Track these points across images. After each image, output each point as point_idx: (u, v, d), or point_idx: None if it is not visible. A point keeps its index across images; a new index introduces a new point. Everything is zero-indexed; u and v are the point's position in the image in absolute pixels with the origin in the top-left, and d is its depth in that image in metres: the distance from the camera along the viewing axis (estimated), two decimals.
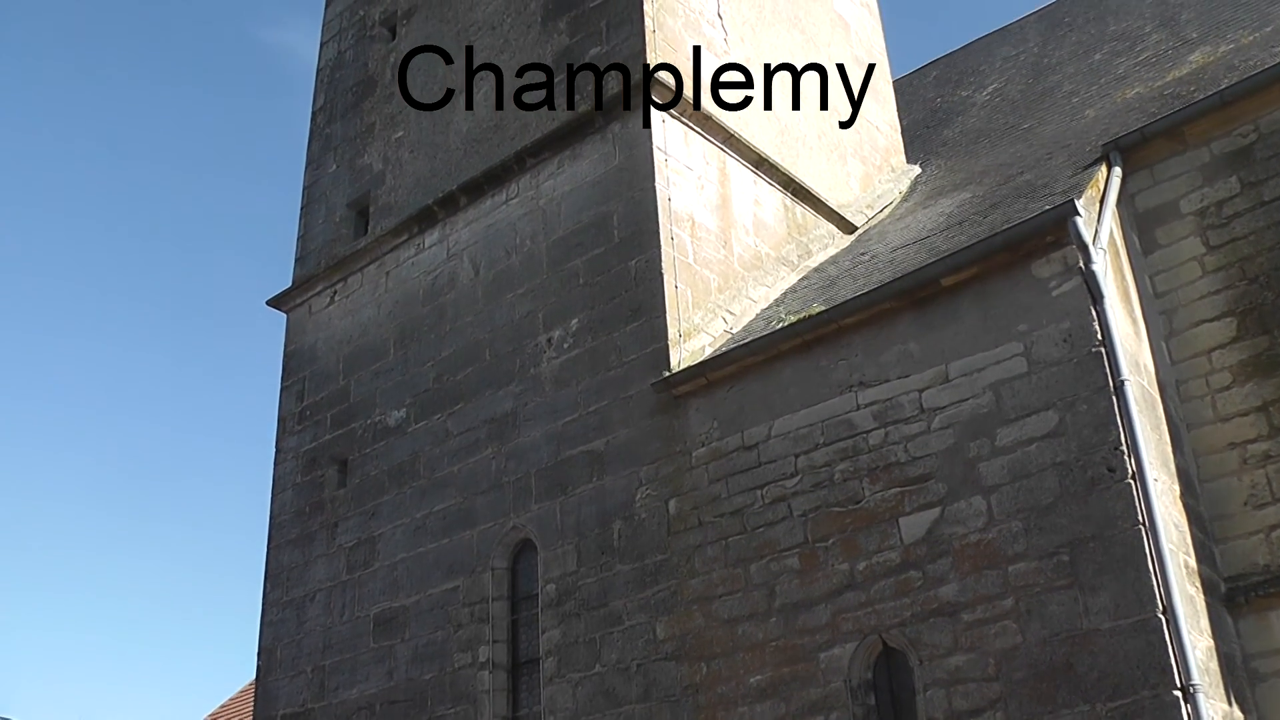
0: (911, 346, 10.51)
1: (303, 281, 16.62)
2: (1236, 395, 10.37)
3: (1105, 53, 17.08)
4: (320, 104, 18.19)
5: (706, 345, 12.35)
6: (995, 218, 11.47)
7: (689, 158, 13.53)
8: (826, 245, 14.97)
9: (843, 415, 10.70)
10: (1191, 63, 14.32)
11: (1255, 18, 14.51)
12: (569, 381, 12.80)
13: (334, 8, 18.90)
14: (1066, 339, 9.62)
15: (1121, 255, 10.77)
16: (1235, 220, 10.97)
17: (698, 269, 12.89)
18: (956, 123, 18.60)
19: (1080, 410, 9.35)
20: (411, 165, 16.03)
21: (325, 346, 15.92)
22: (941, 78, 21.08)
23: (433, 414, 14.05)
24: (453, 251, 14.78)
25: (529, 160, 14.22)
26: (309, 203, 17.47)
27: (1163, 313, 11.01)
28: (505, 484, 12.94)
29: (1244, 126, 11.35)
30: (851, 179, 16.39)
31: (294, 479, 15.43)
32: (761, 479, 11.02)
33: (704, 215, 13.35)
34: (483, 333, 13.95)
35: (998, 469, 9.62)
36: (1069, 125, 14.93)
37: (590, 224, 13.33)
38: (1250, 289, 10.66)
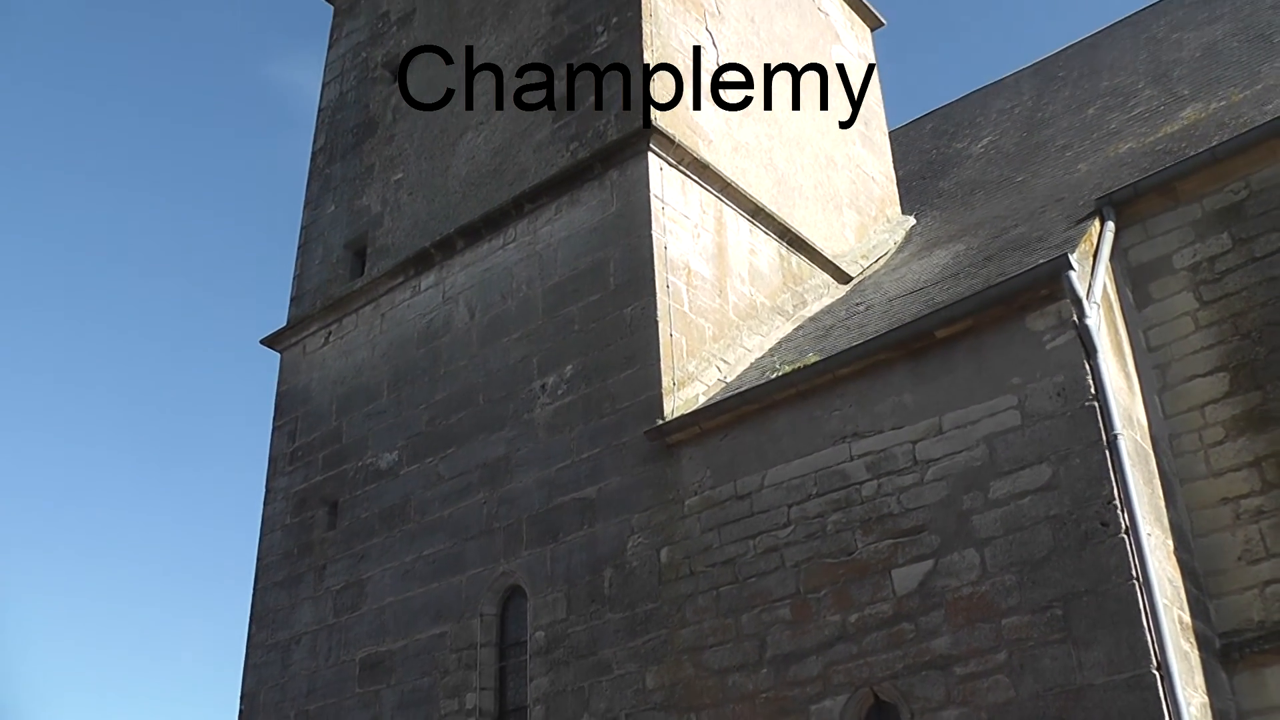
0: (906, 398, 10.52)
1: (298, 321, 16.62)
2: (1229, 450, 10.38)
3: (1098, 107, 17.21)
4: (321, 144, 18.26)
5: (700, 394, 12.35)
6: (990, 270, 11.51)
7: (686, 206, 13.59)
8: (821, 295, 15.02)
9: (836, 466, 10.70)
10: (1183, 119, 14.43)
11: (1246, 76, 14.64)
12: (562, 428, 12.78)
13: (337, 49, 19.01)
14: (1060, 392, 9.64)
15: (1115, 309, 10.82)
16: (1228, 276, 11.03)
17: (693, 317, 12.92)
18: (952, 174, 18.70)
19: (1074, 464, 9.36)
20: (410, 207, 16.08)
21: (319, 387, 15.90)
22: (937, 129, 21.22)
23: (425, 457, 14.02)
24: (448, 295, 14.80)
25: (527, 205, 14.28)
26: (306, 242, 17.50)
27: (1156, 367, 11.04)
28: (496, 529, 12.90)
29: (1235, 183, 11.43)
30: (847, 229, 16.47)
31: (283, 520, 15.37)
32: (754, 529, 10.99)
33: (700, 264, 13.39)
34: (477, 377, 13.95)
35: (991, 522, 9.62)
36: (1062, 178, 15.02)
37: (586, 270, 13.36)
38: (1243, 344, 10.70)
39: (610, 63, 14.40)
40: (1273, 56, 14.74)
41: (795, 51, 17.20)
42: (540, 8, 15.81)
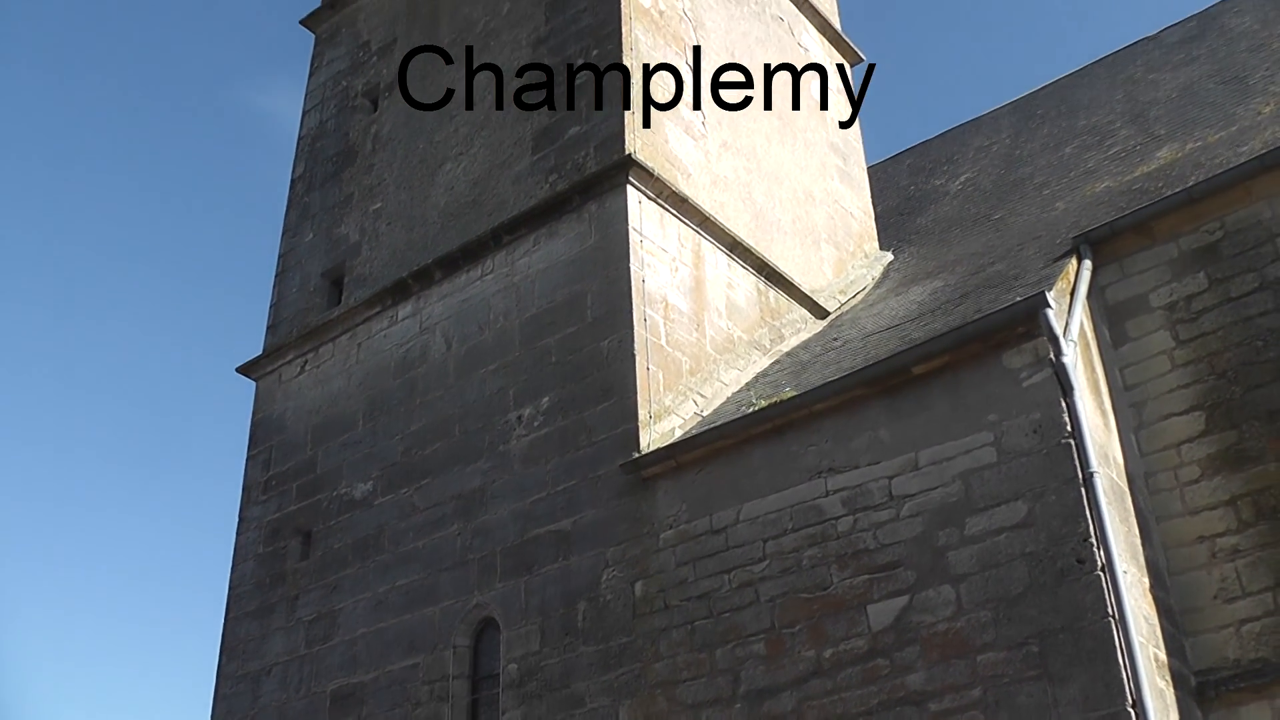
0: (882, 434, 10.52)
1: (274, 349, 16.54)
2: (1205, 489, 10.42)
3: (1076, 146, 17.31)
4: (300, 172, 18.23)
5: (677, 427, 12.33)
6: (967, 307, 11.54)
7: (664, 239, 13.60)
8: (799, 330, 15.03)
9: (812, 501, 10.68)
10: (1159, 159, 14.53)
11: (1221, 117, 14.76)
12: (538, 460, 12.74)
13: (317, 77, 19.01)
14: (1036, 430, 9.66)
15: (1092, 347, 10.85)
16: (1204, 315, 11.10)
17: (670, 351, 12.91)
18: (929, 211, 18.78)
19: (1050, 501, 9.37)
20: (388, 237, 16.06)
21: (294, 416, 15.82)
22: (915, 166, 21.30)
23: (399, 488, 13.95)
24: (425, 325, 14.76)
25: (505, 237, 14.27)
26: (284, 270, 17.44)
27: (1132, 405, 11.08)
28: (470, 561, 12.83)
29: (1211, 223, 11.51)
30: (825, 264, 16.50)
31: (256, 549, 15.25)
32: (729, 563, 10.96)
33: (677, 297, 13.39)
34: (453, 408, 13.90)
35: (967, 558, 9.61)
36: (1040, 216, 15.09)
37: (564, 303, 13.35)
38: (1219, 383, 10.75)
39: (590, 95, 14.43)
40: (1248, 98, 14.86)
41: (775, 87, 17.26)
42: (521, 40, 15.85)
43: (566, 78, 14.91)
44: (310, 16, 19.70)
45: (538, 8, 15.92)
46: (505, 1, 16.47)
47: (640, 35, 14.78)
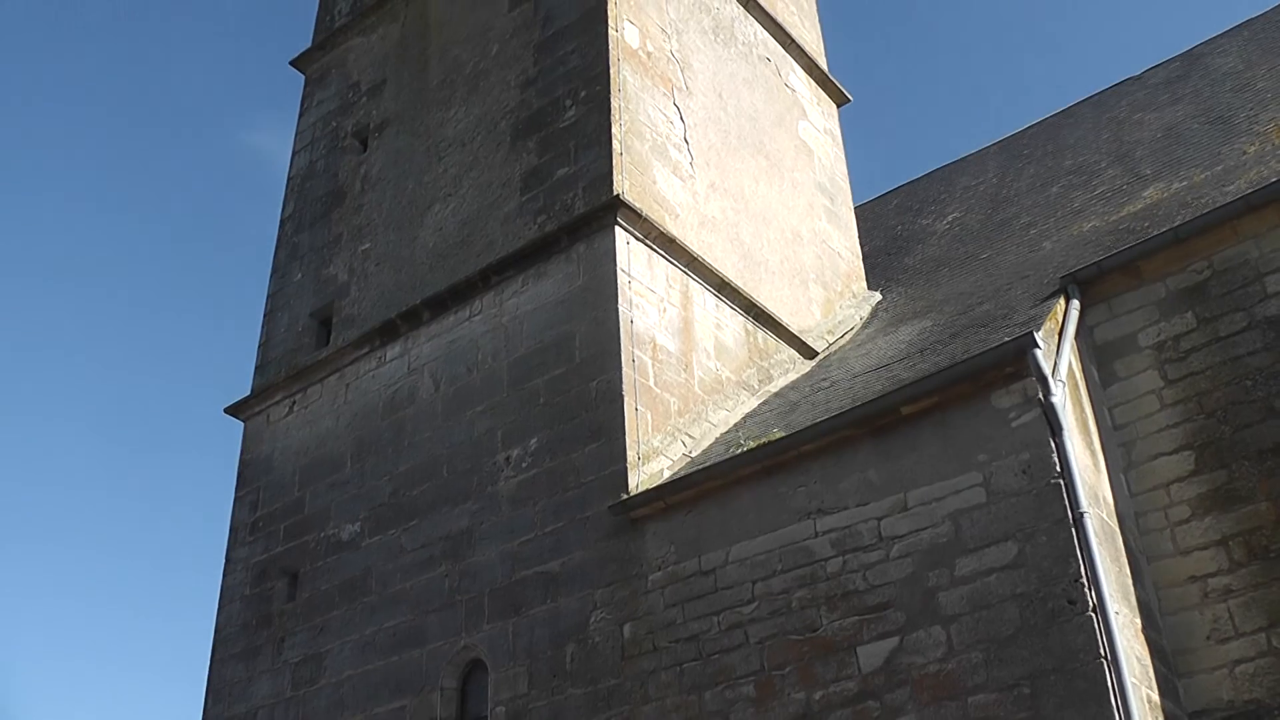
0: (871, 474, 10.49)
1: (262, 390, 16.50)
2: (1196, 528, 10.40)
3: (1062, 185, 17.38)
4: (289, 212, 18.24)
5: (665, 469, 12.29)
6: (955, 347, 11.55)
7: (652, 280, 13.60)
8: (787, 370, 15.03)
9: (801, 542, 10.63)
10: (1146, 198, 14.59)
11: (1207, 156, 14.83)
12: (526, 501, 12.69)
13: (307, 118, 19.05)
14: (1026, 470, 9.64)
15: (1080, 387, 10.85)
16: (1192, 355, 11.11)
17: (658, 392, 12.89)
18: (917, 250, 18.82)
19: (1040, 541, 9.33)
20: (377, 277, 16.05)
21: (282, 457, 15.76)
22: (903, 205, 21.37)
23: (387, 529, 13.87)
24: (414, 366, 14.73)
25: (493, 277, 14.27)
26: (272, 310, 17.42)
27: (1122, 445, 11.08)
28: (458, 602, 12.75)
29: (1198, 263, 11.55)
30: (813, 304, 16.52)
31: (243, 591, 15.16)
32: (718, 605, 10.89)
33: (665, 338, 13.38)
34: (441, 449, 13.85)
35: (957, 599, 9.56)
36: (1027, 256, 15.13)
37: (552, 344, 13.34)
38: (1208, 423, 10.75)
39: (579, 136, 14.48)
40: (1233, 138, 14.94)
41: (762, 127, 17.35)
42: (510, 81, 15.91)
43: (555, 119, 14.95)
44: (300, 57, 19.76)
45: (526, 49, 15.99)
46: (494, 43, 16.54)
47: (628, 76, 14.84)
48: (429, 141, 16.57)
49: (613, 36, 14.98)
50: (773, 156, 17.26)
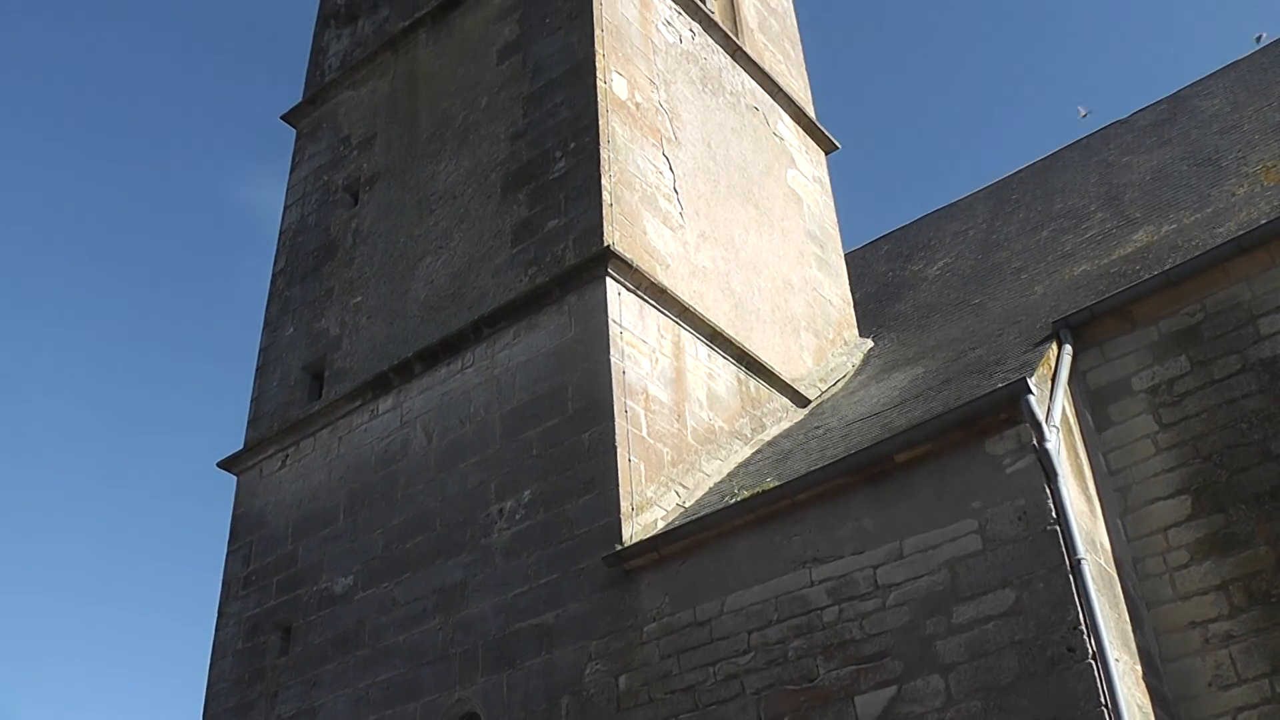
0: (866, 522, 10.43)
1: (255, 444, 16.43)
2: (1195, 573, 10.33)
3: (1052, 230, 17.41)
4: (280, 267, 18.23)
5: (659, 519, 12.23)
6: (948, 394, 11.52)
7: (644, 331, 13.59)
8: (780, 419, 14.99)
9: (797, 591, 10.55)
10: (1136, 241, 14.61)
11: (1196, 199, 14.87)
12: (520, 553, 12.61)
13: (298, 172, 19.08)
14: (1021, 516, 9.58)
15: (1075, 432, 10.82)
16: (1186, 398, 11.08)
17: (651, 442, 12.84)
18: (908, 297, 18.83)
19: (1038, 588, 9.26)
20: (368, 331, 16.03)
21: (275, 510, 15.67)
22: (893, 252, 21.40)
23: (380, 582, 13.78)
24: (406, 419, 14.68)
25: (485, 330, 14.24)
26: (264, 365, 17.38)
27: (1117, 490, 11.02)
28: (452, 655, 12.64)
29: (1191, 306, 11.53)
30: (805, 352, 16.50)
31: (235, 645, 15.04)
32: (714, 655, 10.79)
33: (658, 388, 13.35)
34: (434, 501, 13.78)
35: (955, 647, 9.48)
36: (1018, 301, 15.13)
37: (545, 395, 13.30)
38: (1204, 467, 10.70)
39: (569, 188, 14.50)
40: (1222, 180, 14.99)
41: (751, 175, 17.40)
42: (499, 133, 15.95)
43: (545, 171, 14.98)
44: (291, 112, 19.82)
45: (515, 102, 16.04)
46: (483, 96, 16.60)
47: (617, 128, 14.88)
48: (419, 194, 16.60)
49: (601, 88, 15.04)
50: (762, 205, 17.30)
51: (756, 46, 19.65)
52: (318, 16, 21.05)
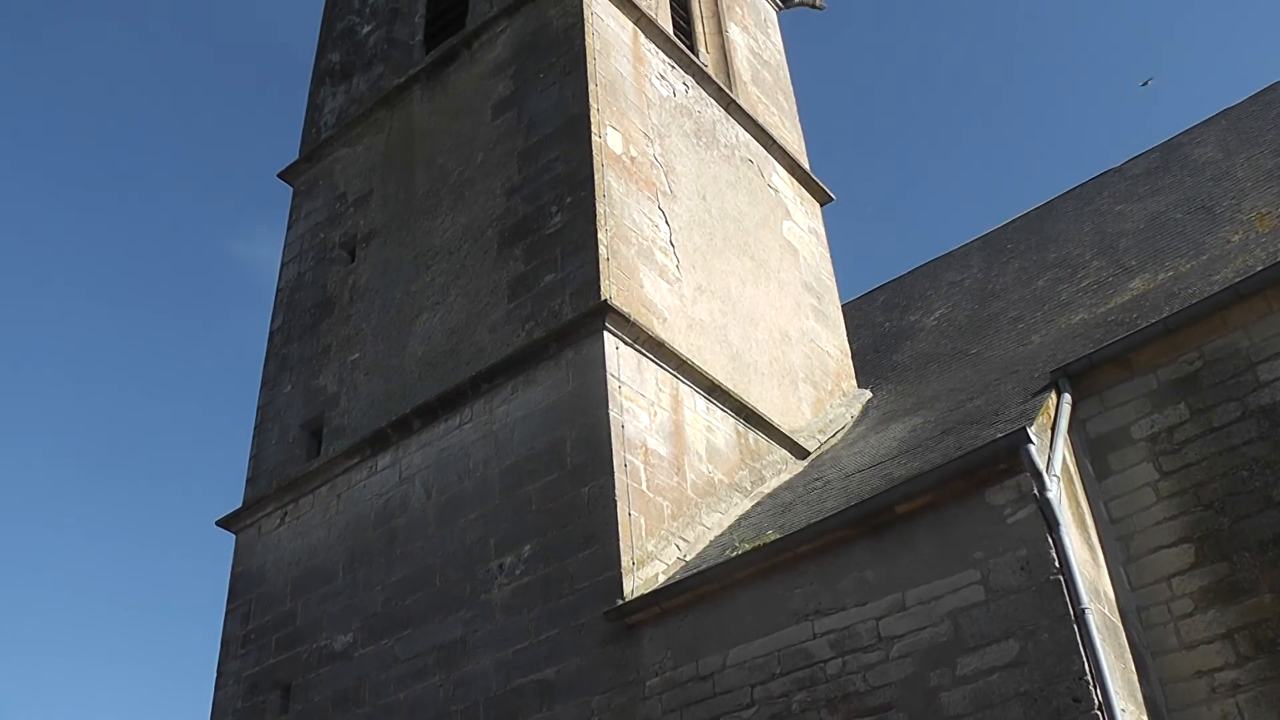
0: (868, 574, 10.38)
1: (254, 502, 16.37)
2: (1200, 622, 10.27)
3: (1048, 279, 17.45)
4: (278, 324, 18.23)
5: (660, 573, 12.18)
6: (948, 444, 11.50)
7: (642, 384, 13.58)
8: (780, 471, 14.95)
9: (799, 644, 10.49)
10: (1132, 289, 14.63)
11: (1191, 246, 14.92)
12: (520, 608, 12.54)
13: (296, 230, 19.12)
14: (1024, 566, 9.54)
15: (1075, 481, 10.79)
16: (1187, 446, 11.06)
17: (651, 496, 12.81)
18: (905, 347, 18.84)
19: (1042, 639, 9.21)
20: (366, 387, 16.01)
21: (274, 568, 15.60)
22: (889, 302, 21.45)
23: (380, 639, 13.70)
24: (405, 475, 14.64)
25: (483, 385, 14.23)
26: (263, 422, 17.35)
27: (1120, 539, 10.98)
28: (453, 712, 12.54)
29: (1189, 354, 11.53)
30: (803, 404, 16.49)
31: (234, 705, 14.91)
32: (717, 710, 10.70)
33: (657, 442, 13.33)
34: (433, 557, 13.72)
35: (960, 699, 9.41)
36: (1016, 350, 15.14)
37: (544, 450, 13.27)
38: (1206, 514, 10.67)
39: (565, 243, 14.53)
40: (1216, 227, 15.04)
41: (747, 228, 17.45)
42: (495, 189, 16.01)
43: (541, 225, 15.01)
44: (288, 170, 19.88)
45: (511, 157, 16.10)
46: (479, 151, 16.67)
47: (612, 182, 14.94)
48: (416, 251, 16.63)
49: (596, 142, 15.10)
50: (758, 257, 17.34)
51: (750, 99, 19.77)
52: (313, 74, 21.19)
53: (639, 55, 17.16)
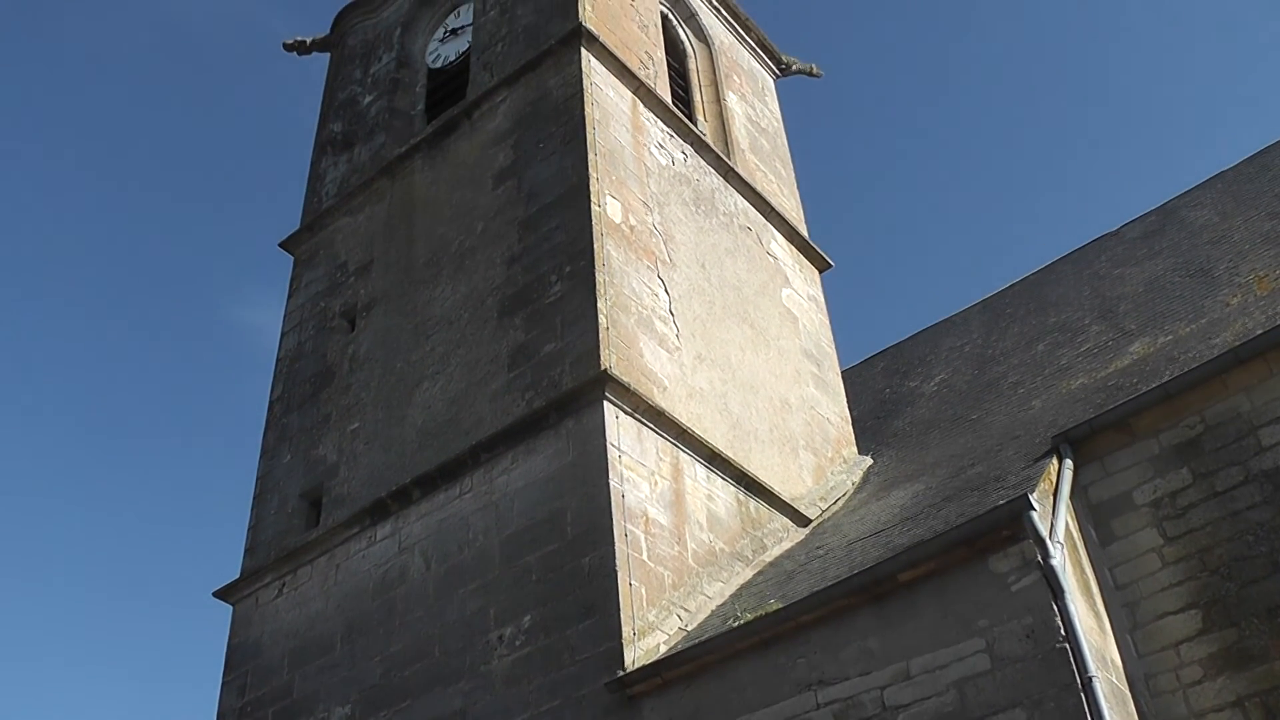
0: (871, 643, 10.28)
1: (252, 573, 16.25)
2: (1209, 690, 10.14)
3: (1047, 344, 17.44)
4: (278, 394, 18.20)
5: (661, 643, 12.07)
6: (950, 511, 11.44)
7: (642, 454, 13.53)
8: (781, 539, 14.87)
9: (803, 715, 10.35)
10: (1132, 354, 14.62)
11: (1190, 310, 14.92)
12: (520, 680, 12.41)
13: (296, 299, 19.14)
14: (1029, 634, 9.45)
15: (1079, 548, 10.73)
16: (1190, 511, 11.00)
17: (652, 566, 12.72)
18: (906, 413, 18.81)
19: (1049, 708, 9.10)
20: (366, 457, 15.96)
21: (271, 640, 15.45)
22: (889, 368, 21.43)
23: (379, 711, 13.54)
24: (404, 545, 14.55)
25: (483, 455, 14.18)
26: (262, 492, 17.26)
27: (1125, 605, 10.89)
28: None
29: (1190, 418, 11.49)
30: (804, 471, 16.43)
31: None
32: None
33: (657, 511, 13.26)
34: (433, 628, 13.60)
35: None
36: (1017, 416, 15.10)
37: (544, 520, 13.20)
38: (1212, 580, 10.58)
39: (565, 312, 14.54)
40: (1215, 290, 15.05)
41: (746, 295, 17.48)
42: (495, 258, 16.04)
43: (541, 295, 15.03)
44: (289, 239, 19.94)
45: (511, 226, 16.15)
46: (479, 221, 16.72)
47: (612, 251, 14.97)
48: (416, 320, 16.64)
49: (595, 211, 15.16)
50: (758, 325, 17.35)
51: (748, 167, 19.88)
52: (315, 144, 21.32)
53: (638, 124, 17.27)
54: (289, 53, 23.18)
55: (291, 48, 23.13)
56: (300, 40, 23.10)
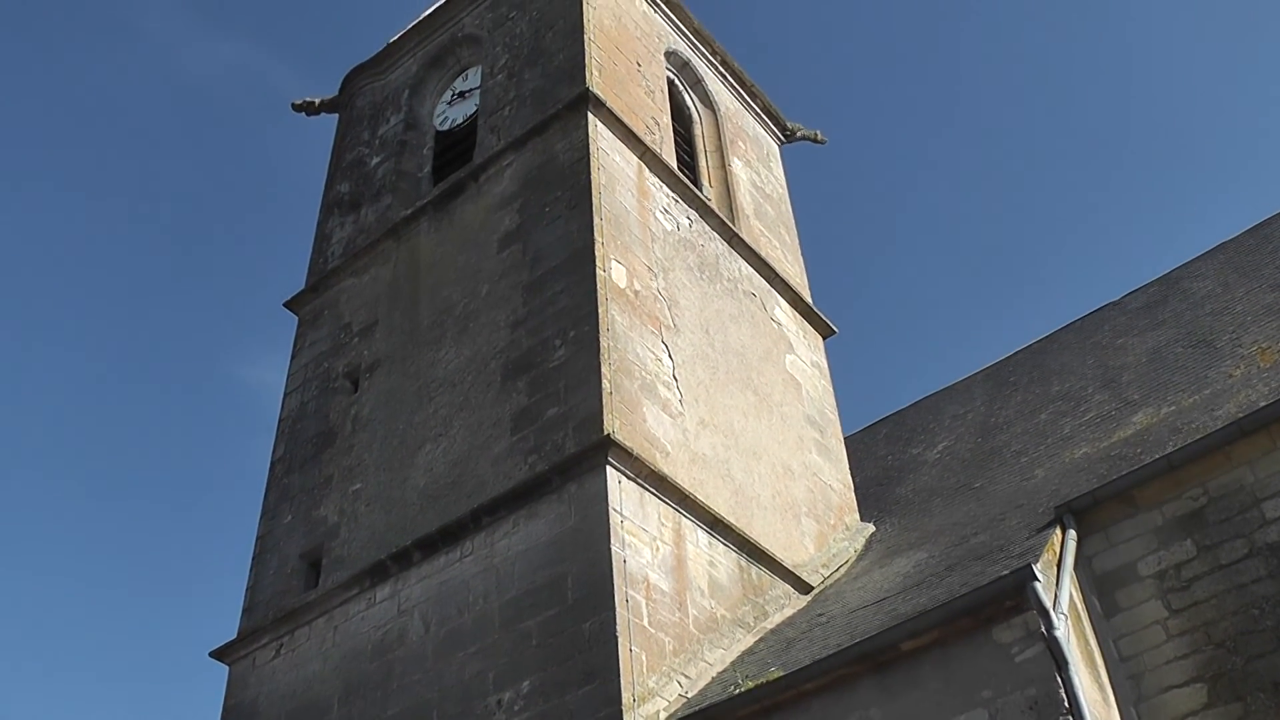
0: (873, 713, 10.21)
1: (249, 633, 16.14)
2: None
3: (1050, 412, 17.44)
4: (280, 454, 18.16)
5: (662, 710, 11.97)
6: (953, 580, 11.40)
7: (644, 519, 13.49)
8: (783, 606, 14.80)
9: None
10: (1135, 424, 14.62)
11: (1193, 380, 14.93)
12: None
13: (299, 359, 19.16)
14: (1033, 706, 9.38)
15: (1083, 619, 10.68)
16: (1195, 583, 10.96)
17: (652, 632, 12.65)
18: (909, 480, 18.77)
19: None
20: (367, 519, 15.90)
21: (267, 702, 15.32)
22: (892, 435, 21.41)
23: None
24: (404, 607, 14.47)
25: (484, 518, 14.13)
26: (261, 552, 17.19)
27: (1130, 677, 10.82)
28: None
29: (1194, 490, 11.49)
30: (806, 538, 16.38)
31: None
32: None
33: (659, 577, 13.20)
34: (431, 692, 13.50)
35: None
36: (1020, 485, 15.08)
37: (544, 584, 13.13)
38: (1218, 653, 10.53)
39: (568, 376, 14.55)
40: (1217, 361, 15.08)
41: (750, 362, 17.50)
42: (499, 321, 16.07)
43: (545, 359, 15.05)
44: (293, 299, 19.99)
45: (515, 290, 16.20)
46: (484, 284, 16.77)
47: (616, 316, 15.01)
48: (420, 382, 16.65)
49: (600, 276, 15.21)
50: (761, 391, 17.36)
51: (753, 233, 19.97)
52: (322, 204, 21.45)
53: (644, 189, 17.37)
54: (298, 113, 23.39)
55: (300, 108, 23.33)
56: (309, 101, 23.30)
